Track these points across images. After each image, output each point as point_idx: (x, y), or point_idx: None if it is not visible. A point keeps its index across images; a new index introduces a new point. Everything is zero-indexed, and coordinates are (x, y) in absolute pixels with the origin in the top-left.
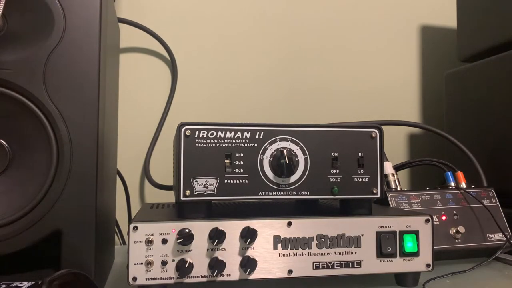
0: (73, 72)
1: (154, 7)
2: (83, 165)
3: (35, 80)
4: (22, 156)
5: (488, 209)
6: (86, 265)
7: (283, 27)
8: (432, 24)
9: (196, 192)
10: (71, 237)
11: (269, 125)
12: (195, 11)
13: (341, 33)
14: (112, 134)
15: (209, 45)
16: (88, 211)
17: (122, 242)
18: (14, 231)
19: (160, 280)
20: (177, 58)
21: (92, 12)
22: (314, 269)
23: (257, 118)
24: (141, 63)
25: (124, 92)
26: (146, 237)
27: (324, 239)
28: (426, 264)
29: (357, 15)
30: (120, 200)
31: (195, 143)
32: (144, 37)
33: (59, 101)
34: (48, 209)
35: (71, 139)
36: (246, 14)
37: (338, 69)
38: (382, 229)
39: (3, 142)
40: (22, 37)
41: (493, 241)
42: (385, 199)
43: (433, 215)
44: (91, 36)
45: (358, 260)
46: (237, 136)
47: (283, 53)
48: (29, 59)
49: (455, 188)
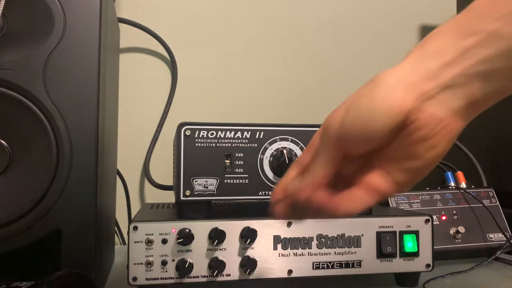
0: (73, 72)
1: (154, 7)
2: (83, 165)
3: (35, 80)
4: (22, 156)
5: (488, 209)
6: (86, 265)
7: (283, 27)
8: (432, 24)
9: (196, 192)
10: (71, 237)
11: (269, 125)
12: (195, 11)
13: (341, 33)
14: (112, 134)
15: (209, 45)
16: (88, 211)
17: (122, 242)
18: (14, 231)
19: (160, 280)
20: (177, 58)
21: (92, 12)
22: (314, 269)
23: (257, 118)
24: (141, 63)
25: (124, 92)
26: (146, 237)
27: (324, 239)
28: (426, 264)
29: (357, 15)
30: (120, 200)
31: (195, 143)
32: (144, 37)
33: (59, 101)
34: (48, 209)
35: (71, 139)
36: (246, 14)
37: (338, 69)
38: (382, 229)
39: (3, 142)
40: (22, 37)
41: (493, 241)
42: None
43: (433, 215)
44: (91, 36)
45: (358, 260)
46: (237, 136)
47: (283, 53)
48: (29, 59)
49: (455, 188)
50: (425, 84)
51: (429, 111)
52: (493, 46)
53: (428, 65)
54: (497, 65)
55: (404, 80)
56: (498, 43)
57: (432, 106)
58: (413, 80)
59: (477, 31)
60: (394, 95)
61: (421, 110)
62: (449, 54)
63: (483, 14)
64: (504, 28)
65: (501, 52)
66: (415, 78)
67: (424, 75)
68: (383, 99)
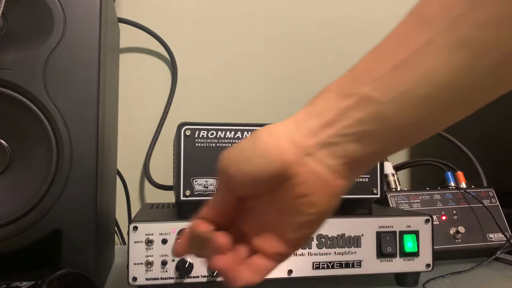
0: (73, 72)
1: (154, 7)
2: (83, 165)
3: (35, 80)
4: (22, 156)
5: (488, 209)
6: (86, 265)
7: (283, 27)
8: None
9: (196, 192)
10: (71, 237)
11: None
12: (195, 11)
13: (342, 33)
14: (112, 134)
15: (209, 45)
16: (88, 211)
17: (122, 242)
18: (14, 231)
19: (160, 280)
20: (177, 58)
21: (92, 12)
22: (314, 269)
23: (257, 118)
24: (141, 63)
25: (124, 92)
26: (146, 237)
27: (324, 239)
28: (426, 264)
29: (357, 15)
30: (120, 200)
31: (195, 143)
32: (144, 37)
33: (59, 101)
34: (48, 209)
35: (71, 139)
36: (246, 14)
37: (338, 70)
38: (382, 229)
39: (3, 142)
40: (22, 37)
41: (493, 241)
42: (385, 199)
43: (433, 215)
44: (91, 36)
45: (358, 260)
46: (237, 136)
47: (284, 53)
48: (29, 59)
49: (455, 188)
50: (307, 140)
51: (309, 167)
52: (365, 109)
53: (311, 123)
54: (369, 128)
55: (289, 133)
56: (369, 106)
57: (312, 163)
58: (297, 135)
59: (352, 93)
60: (277, 143)
61: (302, 165)
62: (329, 114)
63: (359, 77)
64: (373, 93)
65: (372, 115)
66: (299, 133)
67: (307, 132)
68: (266, 144)
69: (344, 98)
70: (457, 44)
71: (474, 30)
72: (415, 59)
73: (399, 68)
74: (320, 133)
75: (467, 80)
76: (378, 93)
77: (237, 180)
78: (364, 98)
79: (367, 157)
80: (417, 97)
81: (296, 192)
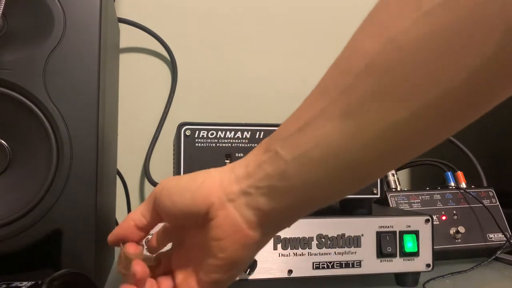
0: (73, 72)
1: (154, 7)
2: (83, 165)
3: (35, 80)
4: (22, 156)
5: (488, 209)
6: (86, 265)
7: (284, 27)
8: None
9: None
10: (71, 237)
11: (269, 125)
12: (195, 11)
13: (344, 33)
14: (112, 134)
15: (209, 45)
16: (88, 211)
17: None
18: (14, 231)
19: None
20: (177, 58)
21: (92, 12)
22: (314, 269)
23: (257, 118)
24: (141, 63)
25: (124, 92)
26: (146, 237)
27: (324, 239)
28: (426, 264)
29: (356, 15)
30: (120, 200)
31: (195, 143)
32: (144, 37)
33: (59, 101)
34: (48, 209)
35: (71, 139)
36: (246, 14)
37: None
38: (382, 229)
39: (3, 142)
40: (22, 37)
41: (493, 241)
42: (385, 199)
43: (433, 215)
44: (91, 36)
45: (358, 260)
46: (237, 136)
47: (284, 53)
48: (29, 59)
49: (455, 188)
50: (232, 187)
51: (227, 211)
52: (274, 165)
53: (239, 171)
54: (275, 183)
55: (222, 177)
56: (276, 163)
57: (231, 208)
58: (226, 181)
59: (270, 149)
60: (209, 184)
61: (222, 209)
62: (251, 165)
63: (276, 134)
64: (281, 150)
65: (278, 171)
66: (228, 179)
67: (234, 178)
68: (201, 183)
69: (264, 153)
70: (343, 114)
71: (356, 102)
72: (313, 124)
73: (302, 130)
74: (242, 181)
75: (356, 149)
76: (284, 151)
77: (167, 207)
78: (276, 155)
79: (277, 213)
80: (312, 160)
81: (213, 234)
